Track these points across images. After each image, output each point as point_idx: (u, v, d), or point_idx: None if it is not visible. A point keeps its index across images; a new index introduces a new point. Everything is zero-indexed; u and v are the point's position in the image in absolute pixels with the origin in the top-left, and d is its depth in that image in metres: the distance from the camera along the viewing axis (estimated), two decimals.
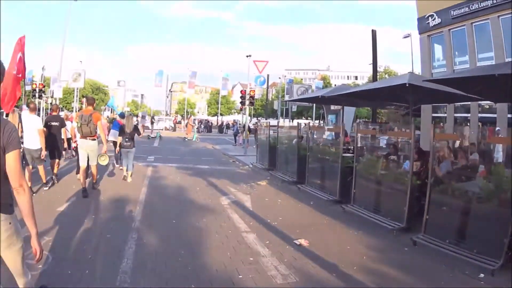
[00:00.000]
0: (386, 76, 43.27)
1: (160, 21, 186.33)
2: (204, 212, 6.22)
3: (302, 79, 71.97)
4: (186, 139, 24.72)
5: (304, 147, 8.91)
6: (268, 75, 38.63)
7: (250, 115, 54.70)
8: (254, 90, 18.85)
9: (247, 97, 17.55)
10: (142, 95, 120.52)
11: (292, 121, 38.03)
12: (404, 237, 5.05)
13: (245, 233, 5.14)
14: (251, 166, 11.82)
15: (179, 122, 42.12)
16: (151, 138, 23.96)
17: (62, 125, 8.26)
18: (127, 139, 8.61)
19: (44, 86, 23.15)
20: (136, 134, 8.92)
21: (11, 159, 1.96)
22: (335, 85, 27.62)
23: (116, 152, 10.25)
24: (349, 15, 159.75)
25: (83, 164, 7.11)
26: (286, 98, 33.77)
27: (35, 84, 22.40)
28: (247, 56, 19.98)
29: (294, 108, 44.49)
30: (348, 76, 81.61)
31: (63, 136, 8.63)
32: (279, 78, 52.34)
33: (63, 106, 48.33)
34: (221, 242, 4.70)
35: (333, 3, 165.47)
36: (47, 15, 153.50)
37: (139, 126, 11.14)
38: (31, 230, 2.05)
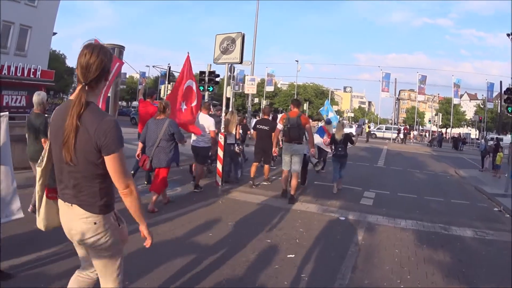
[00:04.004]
0: None
1: (378, 29, 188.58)
2: None
3: None
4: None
5: None
6: (501, 82, 30.85)
7: (479, 128, 44.85)
8: None
9: None
10: (369, 102, 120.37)
11: None
12: None
13: None
14: None
15: (408, 133, 38.49)
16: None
17: (273, 130, 7.39)
18: (340, 148, 7.90)
19: (217, 76, 16.65)
20: (349, 143, 8.12)
21: (110, 163, 1.73)
22: None
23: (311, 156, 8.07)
24: None
25: (286, 169, 6.71)
26: None
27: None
28: (508, 35, 13.45)
29: None
30: None
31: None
32: None
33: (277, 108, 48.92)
34: None
35: None
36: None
37: (354, 134, 9.43)
38: (141, 223, 1.91)
